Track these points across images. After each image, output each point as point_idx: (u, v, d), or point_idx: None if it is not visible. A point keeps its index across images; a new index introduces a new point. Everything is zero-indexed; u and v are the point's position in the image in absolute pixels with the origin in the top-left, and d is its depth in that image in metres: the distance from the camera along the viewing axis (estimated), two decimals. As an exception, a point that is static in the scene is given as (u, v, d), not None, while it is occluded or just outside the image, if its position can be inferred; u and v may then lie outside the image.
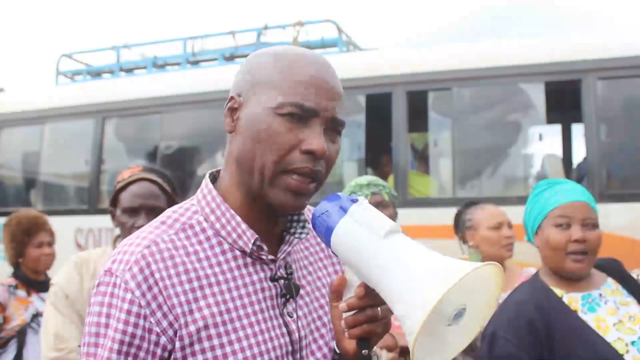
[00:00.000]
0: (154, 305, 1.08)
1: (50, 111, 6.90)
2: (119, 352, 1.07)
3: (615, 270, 2.27)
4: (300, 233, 1.27)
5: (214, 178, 1.29)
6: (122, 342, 1.08)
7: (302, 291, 1.27)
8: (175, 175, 6.68)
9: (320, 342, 1.28)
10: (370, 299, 1.10)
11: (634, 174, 5.05)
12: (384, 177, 5.54)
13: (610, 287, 2.21)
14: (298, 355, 1.21)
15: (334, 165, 1.23)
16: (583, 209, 2.16)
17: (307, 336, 1.24)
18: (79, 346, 2.37)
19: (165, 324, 1.09)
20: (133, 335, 1.08)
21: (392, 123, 5.43)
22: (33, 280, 3.66)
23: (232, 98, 1.22)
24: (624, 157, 5.12)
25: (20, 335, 3.45)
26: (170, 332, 1.09)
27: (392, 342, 2.55)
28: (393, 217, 2.99)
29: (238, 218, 1.19)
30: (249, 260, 1.20)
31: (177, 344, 1.09)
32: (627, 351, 1.99)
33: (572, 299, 2.16)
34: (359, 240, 1.07)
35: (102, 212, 6.40)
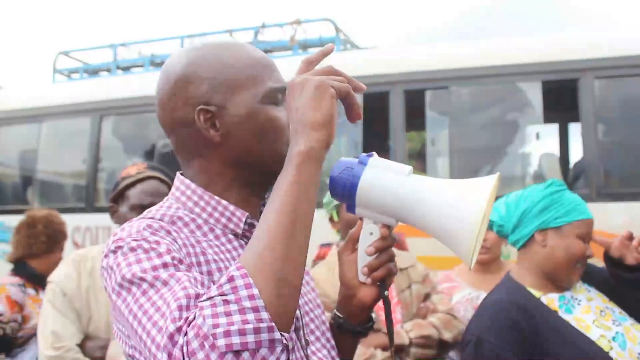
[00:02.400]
0: (181, 246, 1.08)
1: (47, 109, 6.89)
2: (168, 250, 1.03)
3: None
4: None
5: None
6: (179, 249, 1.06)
7: None
8: (171, 172, 6.70)
9: (317, 321, 1.32)
10: (390, 239, 1.23)
11: (631, 173, 5.05)
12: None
13: (576, 285, 2.23)
14: (301, 333, 1.21)
15: None
16: (592, 229, 2.20)
17: (303, 315, 1.26)
18: (77, 345, 2.38)
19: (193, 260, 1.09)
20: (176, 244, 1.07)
21: (389, 122, 5.43)
22: (40, 276, 3.54)
23: (201, 110, 1.17)
24: (622, 156, 5.13)
25: None
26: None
27: (386, 342, 2.56)
28: None
29: (224, 202, 1.20)
30: (242, 242, 1.21)
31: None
32: (611, 348, 2.01)
33: (550, 300, 2.16)
34: (390, 182, 1.17)
35: (100, 210, 6.40)
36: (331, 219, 2.83)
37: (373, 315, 1.36)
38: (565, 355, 1.98)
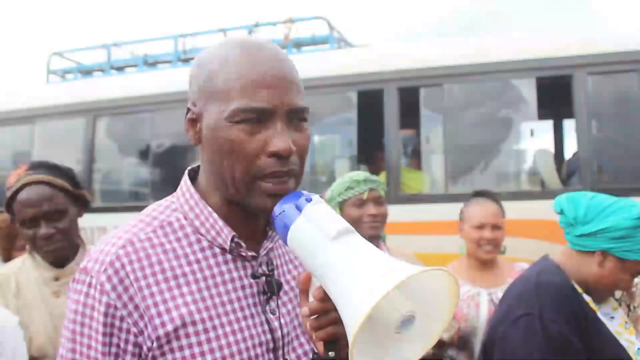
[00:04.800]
0: (130, 306, 1.07)
1: (41, 110, 6.87)
2: (102, 354, 1.07)
3: None
4: None
5: (194, 174, 1.27)
6: (104, 344, 1.07)
7: (286, 287, 1.26)
8: (166, 173, 6.70)
9: (302, 339, 1.26)
10: (328, 303, 1.06)
11: (625, 168, 5.06)
12: (376, 173, 5.56)
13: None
14: (280, 352, 1.19)
15: (307, 153, 1.19)
16: None
17: (290, 333, 1.23)
18: None
19: (142, 324, 1.07)
20: (111, 335, 1.07)
21: (383, 119, 5.43)
22: None
23: (189, 109, 1.18)
24: (616, 152, 5.14)
25: None
26: (148, 331, 1.07)
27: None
28: (386, 213, 2.99)
29: (215, 215, 1.17)
30: (229, 257, 1.18)
31: (155, 343, 1.07)
32: (637, 358, 2.07)
33: (588, 299, 2.18)
34: (310, 240, 1.05)
35: (94, 211, 6.39)
36: None
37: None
38: (604, 348, 2.04)
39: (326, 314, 1.07)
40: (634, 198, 2.76)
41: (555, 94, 5.38)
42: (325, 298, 1.05)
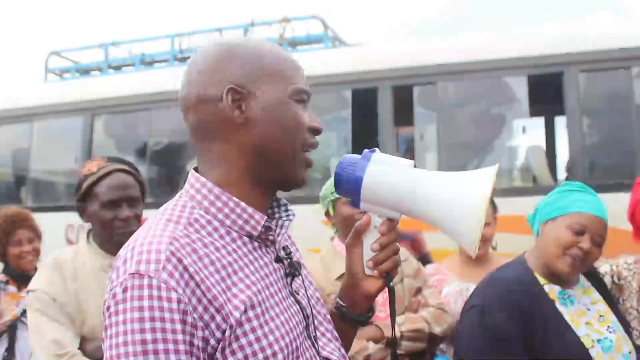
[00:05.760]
0: (194, 300, 1.04)
1: (39, 108, 6.93)
2: (185, 353, 1.02)
3: (591, 273, 2.44)
4: (287, 215, 1.31)
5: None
6: (184, 342, 1.02)
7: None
8: (164, 171, 6.75)
9: (320, 317, 1.35)
10: (395, 234, 1.29)
11: (615, 164, 5.14)
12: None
13: (582, 286, 2.37)
14: (311, 329, 1.26)
15: None
16: (599, 226, 2.25)
17: (312, 310, 1.30)
18: (79, 349, 2.34)
19: (207, 317, 1.05)
20: (185, 332, 1.03)
21: (378, 118, 5.49)
22: (22, 275, 3.65)
23: (231, 89, 1.18)
24: (606, 149, 5.22)
25: (12, 330, 3.47)
26: (213, 325, 1.06)
27: (379, 334, 2.61)
28: None
29: (243, 204, 1.19)
30: (255, 244, 1.22)
31: (228, 332, 1.07)
32: (593, 346, 2.15)
33: (551, 289, 2.28)
34: (393, 176, 1.22)
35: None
36: (327, 213, 2.87)
37: (374, 305, 1.42)
38: (550, 341, 2.14)
39: (390, 246, 1.29)
40: (625, 194, 2.83)
41: (547, 92, 5.45)
42: (390, 230, 1.28)
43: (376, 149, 1.28)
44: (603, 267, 2.73)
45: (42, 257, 3.78)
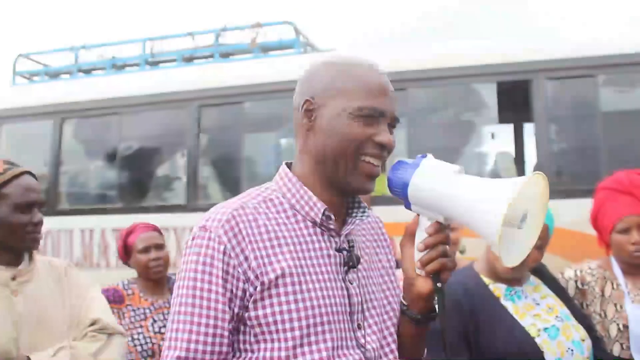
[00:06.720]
0: (241, 257, 1.30)
1: (7, 112, 6.86)
2: (222, 295, 1.30)
3: (539, 270, 2.54)
4: (362, 215, 1.47)
5: (289, 166, 1.50)
6: (223, 286, 1.30)
7: (360, 266, 1.46)
8: (134, 176, 6.71)
9: (372, 311, 1.45)
10: (441, 236, 1.35)
11: (582, 170, 5.21)
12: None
13: (532, 283, 2.46)
14: (356, 317, 1.40)
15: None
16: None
17: (365, 302, 1.43)
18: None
19: (250, 273, 1.30)
20: (227, 280, 1.30)
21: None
22: None
23: (307, 100, 1.41)
24: (573, 155, 5.30)
25: None
26: (251, 276, 1.30)
27: None
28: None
29: (310, 193, 1.41)
30: (318, 230, 1.41)
31: (259, 288, 1.30)
32: (538, 335, 2.25)
33: (497, 287, 2.39)
34: (436, 182, 1.30)
35: (61, 213, 6.39)
36: None
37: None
38: (496, 333, 2.25)
39: (436, 247, 1.35)
40: (590, 199, 2.89)
41: (515, 99, 5.52)
42: (435, 232, 1.35)
43: (429, 154, 1.39)
44: (567, 272, 2.78)
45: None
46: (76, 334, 2.30)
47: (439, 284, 1.36)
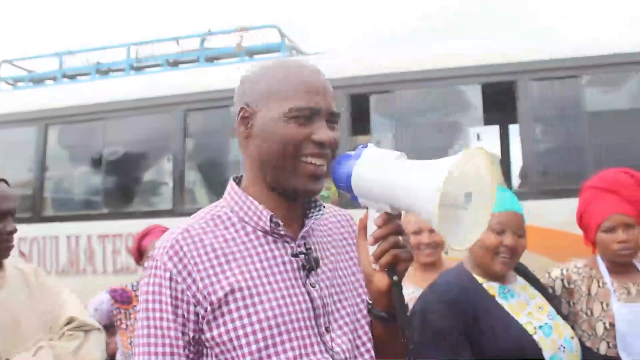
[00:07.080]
0: (189, 280, 1.31)
1: (-9, 118, 6.79)
2: (173, 321, 1.31)
3: (523, 271, 2.57)
4: (317, 214, 1.46)
5: (238, 180, 1.50)
6: (173, 313, 1.31)
7: (324, 267, 1.45)
8: (119, 182, 6.68)
9: (342, 312, 1.44)
10: (391, 226, 1.28)
11: (567, 171, 5.24)
12: (327, 178, 5.62)
13: (520, 283, 2.48)
14: (322, 320, 1.38)
15: (337, 148, 1.42)
16: (516, 219, 2.39)
17: (329, 305, 1.41)
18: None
19: (199, 295, 1.31)
20: (177, 306, 1.31)
21: (335, 126, 5.50)
22: None
23: (242, 108, 1.41)
24: (558, 155, 5.32)
25: None
26: (200, 297, 1.31)
27: None
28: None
29: (256, 203, 1.41)
30: (270, 239, 1.40)
31: (209, 308, 1.30)
32: (535, 332, 2.27)
33: (490, 286, 2.40)
34: (376, 171, 1.25)
35: (46, 220, 6.35)
36: None
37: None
38: (496, 331, 2.26)
39: (387, 238, 1.28)
40: (576, 199, 2.90)
41: (501, 100, 5.55)
42: (384, 223, 1.27)
43: (369, 144, 1.34)
44: (554, 271, 2.79)
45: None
46: (53, 335, 2.29)
47: (395, 277, 1.27)
